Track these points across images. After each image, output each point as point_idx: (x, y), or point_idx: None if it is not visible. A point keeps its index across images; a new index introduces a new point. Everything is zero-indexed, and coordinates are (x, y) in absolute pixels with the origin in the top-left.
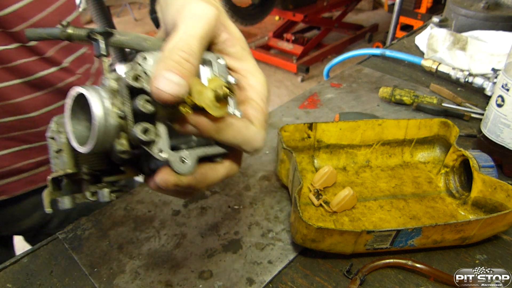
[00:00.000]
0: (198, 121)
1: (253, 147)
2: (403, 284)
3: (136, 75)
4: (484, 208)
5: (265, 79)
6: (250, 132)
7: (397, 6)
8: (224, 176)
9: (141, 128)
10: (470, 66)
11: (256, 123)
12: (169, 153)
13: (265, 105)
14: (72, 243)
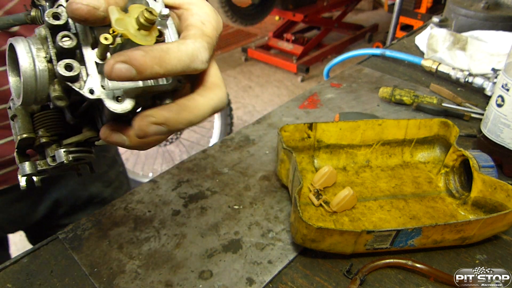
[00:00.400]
0: (129, 54)
1: (201, 59)
2: (403, 284)
3: (55, 13)
4: (484, 208)
5: (210, 8)
6: (189, 46)
7: (397, 6)
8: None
9: (64, 64)
10: (470, 66)
11: (192, 37)
12: (101, 92)
13: (206, 27)
14: (72, 243)
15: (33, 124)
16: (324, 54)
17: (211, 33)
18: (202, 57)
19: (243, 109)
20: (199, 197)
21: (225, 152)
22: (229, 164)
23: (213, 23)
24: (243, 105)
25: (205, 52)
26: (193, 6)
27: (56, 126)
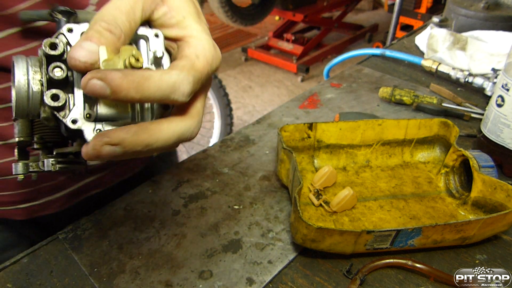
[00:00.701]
0: (107, 73)
1: (182, 92)
2: (403, 284)
3: (52, 43)
4: (484, 208)
5: (209, 42)
6: (172, 76)
7: (397, 6)
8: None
9: (50, 94)
10: (470, 66)
11: (179, 69)
12: (83, 123)
13: (199, 61)
14: (72, 243)
15: (32, 128)
16: (324, 54)
17: (202, 67)
18: (183, 90)
19: (243, 109)
20: (199, 197)
21: (225, 152)
22: (229, 164)
23: (208, 57)
24: (243, 105)
25: (188, 86)
26: (193, 39)
27: (52, 134)
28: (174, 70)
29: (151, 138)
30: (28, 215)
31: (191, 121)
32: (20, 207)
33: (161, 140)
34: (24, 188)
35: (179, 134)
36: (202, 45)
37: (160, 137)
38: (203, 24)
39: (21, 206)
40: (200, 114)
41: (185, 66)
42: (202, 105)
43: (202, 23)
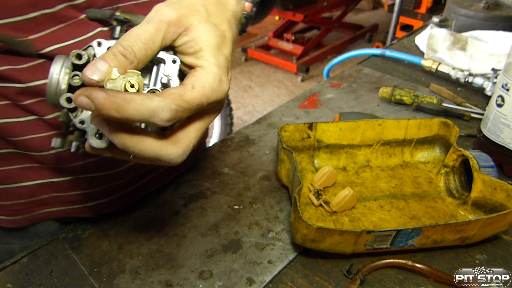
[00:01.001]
0: (93, 92)
1: (161, 118)
2: (403, 284)
3: (78, 54)
4: (484, 208)
5: (214, 77)
6: (153, 102)
7: (397, 6)
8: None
9: (65, 97)
10: (470, 66)
11: (164, 96)
12: (88, 125)
13: (192, 92)
14: (72, 243)
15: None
16: (324, 54)
17: (192, 98)
18: (162, 116)
19: (243, 109)
20: (199, 197)
21: (225, 152)
22: (229, 164)
23: (206, 90)
24: (243, 105)
25: (167, 113)
26: (200, 69)
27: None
28: (157, 97)
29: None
30: (95, 213)
31: (172, 147)
32: (88, 205)
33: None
34: (93, 188)
35: (156, 154)
36: (205, 77)
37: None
38: (219, 57)
39: (89, 204)
40: (188, 143)
41: (173, 94)
42: (194, 135)
43: (219, 55)
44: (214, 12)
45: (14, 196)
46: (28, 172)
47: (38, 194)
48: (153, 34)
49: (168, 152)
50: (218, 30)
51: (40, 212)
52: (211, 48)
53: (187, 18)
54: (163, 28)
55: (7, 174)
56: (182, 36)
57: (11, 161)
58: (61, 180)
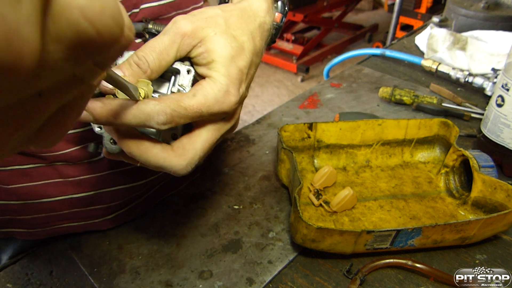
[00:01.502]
0: (90, 104)
1: (157, 121)
2: (403, 284)
3: None
4: (484, 208)
5: (220, 88)
6: (149, 107)
7: (397, 6)
8: (156, 163)
9: None
10: (470, 66)
11: (160, 100)
12: (104, 131)
13: (193, 100)
14: (72, 243)
15: None
16: (324, 54)
17: (190, 105)
18: (158, 120)
19: (243, 109)
20: (199, 197)
21: (225, 152)
22: (229, 164)
23: (209, 99)
24: (243, 105)
25: (163, 116)
26: (208, 79)
27: None
28: (153, 101)
29: (120, 116)
30: (113, 223)
31: (177, 159)
32: (108, 218)
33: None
34: (113, 202)
35: (160, 164)
36: (210, 86)
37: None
38: (231, 68)
39: (109, 217)
40: (193, 155)
41: (169, 99)
42: (201, 146)
43: (231, 67)
44: (235, 24)
45: (34, 211)
46: (49, 188)
47: (59, 209)
48: (168, 45)
49: (172, 164)
50: (234, 42)
51: (59, 226)
52: (223, 59)
53: (203, 30)
54: (178, 40)
55: (28, 190)
56: (197, 48)
57: (33, 177)
58: (82, 196)
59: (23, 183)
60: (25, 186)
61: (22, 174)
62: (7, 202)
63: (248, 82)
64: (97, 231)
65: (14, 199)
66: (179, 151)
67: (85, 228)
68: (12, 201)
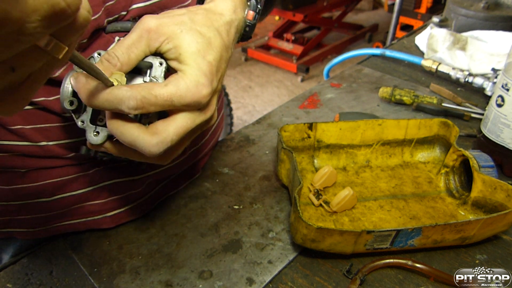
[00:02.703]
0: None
1: (127, 105)
2: (403, 284)
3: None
4: (484, 208)
5: (191, 77)
6: (121, 92)
7: (397, 6)
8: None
9: (69, 100)
10: (470, 66)
11: (132, 87)
12: (88, 125)
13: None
14: (72, 243)
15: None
16: (324, 54)
17: (161, 94)
18: (128, 104)
19: (243, 109)
20: (199, 197)
21: (225, 152)
22: (229, 164)
23: (180, 91)
24: (243, 105)
25: (133, 102)
26: (180, 72)
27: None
28: (125, 87)
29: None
30: (114, 222)
31: (149, 136)
32: (107, 215)
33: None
34: (111, 196)
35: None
36: (181, 78)
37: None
38: (200, 62)
39: (109, 214)
40: (165, 136)
41: (141, 87)
42: (173, 130)
43: (200, 60)
44: (200, 22)
45: (34, 211)
46: (48, 188)
47: (58, 208)
48: (135, 40)
49: (144, 140)
50: (201, 37)
51: (60, 224)
52: (190, 54)
53: (168, 26)
54: (144, 35)
55: (27, 191)
56: (165, 44)
57: (31, 178)
58: (80, 192)
59: (22, 184)
60: (23, 187)
61: (22, 175)
62: (7, 203)
63: (220, 75)
64: (97, 230)
65: (13, 199)
66: (152, 130)
67: (85, 225)
68: (12, 201)
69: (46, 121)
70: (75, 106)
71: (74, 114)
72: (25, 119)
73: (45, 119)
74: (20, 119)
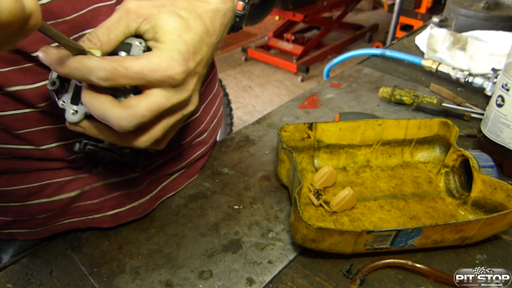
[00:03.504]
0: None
1: (96, 75)
2: (403, 284)
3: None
4: (484, 208)
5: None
6: (91, 61)
7: (397, 6)
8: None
9: (51, 81)
10: (470, 66)
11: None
12: (67, 104)
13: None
14: (72, 243)
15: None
16: (324, 54)
17: (131, 66)
18: (97, 74)
19: (243, 109)
20: (199, 197)
21: (225, 152)
22: (229, 164)
23: (151, 65)
24: (243, 105)
25: (103, 72)
26: (155, 49)
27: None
28: (96, 57)
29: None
30: (115, 222)
31: (119, 109)
32: (107, 214)
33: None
34: (110, 193)
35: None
36: (155, 53)
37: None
38: (176, 40)
39: (109, 213)
40: (137, 111)
41: (112, 59)
42: (145, 106)
43: (177, 39)
44: (181, 5)
45: (34, 212)
46: (47, 188)
47: (58, 208)
48: (115, 21)
49: (115, 112)
50: (179, 18)
51: (60, 223)
52: (165, 32)
53: (147, 8)
54: (124, 15)
55: (27, 192)
56: (144, 25)
57: (31, 177)
58: (79, 193)
59: (21, 185)
60: (24, 188)
61: (21, 177)
62: (7, 204)
63: (200, 59)
64: (97, 230)
65: (13, 201)
66: (124, 104)
67: (85, 223)
68: (12, 203)
69: (45, 123)
70: (56, 86)
71: (56, 94)
72: (29, 123)
73: (45, 122)
74: (24, 124)
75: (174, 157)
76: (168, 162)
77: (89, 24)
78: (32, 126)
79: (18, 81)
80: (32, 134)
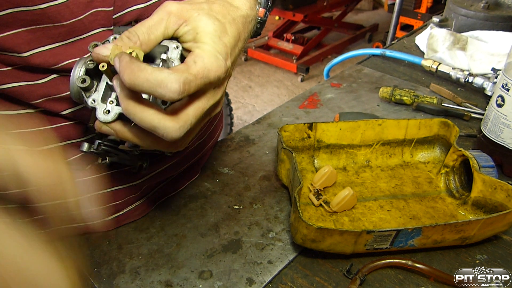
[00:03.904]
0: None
1: (170, 88)
2: (403, 284)
3: (95, 44)
4: (484, 208)
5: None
6: (163, 74)
7: (397, 6)
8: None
9: (81, 78)
10: (470, 66)
11: (173, 69)
12: (98, 103)
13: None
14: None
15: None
16: (324, 54)
17: (197, 71)
18: (171, 87)
19: (243, 109)
20: (199, 197)
21: (225, 152)
22: (229, 164)
23: (206, 63)
24: (243, 105)
25: (176, 84)
26: (197, 49)
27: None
28: (167, 70)
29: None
30: (114, 225)
31: (170, 121)
32: (108, 219)
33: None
34: (112, 202)
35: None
36: (202, 53)
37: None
38: (216, 41)
39: (109, 218)
40: (186, 120)
41: (180, 69)
42: (193, 112)
43: (216, 40)
44: (218, 10)
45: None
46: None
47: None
48: (156, 22)
49: (166, 125)
50: (218, 22)
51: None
52: (206, 34)
53: (188, 11)
54: (165, 17)
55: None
56: (183, 27)
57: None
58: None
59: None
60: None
61: None
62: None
63: (233, 60)
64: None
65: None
66: (171, 114)
67: (86, 229)
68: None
69: (45, 124)
70: (86, 84)
71: (85, 92)
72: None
73: (45, 122)
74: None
75: (177, 162)
76: (169, 168)
77: (87, 29)
78: (29, 127)
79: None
80: (29, 135)
